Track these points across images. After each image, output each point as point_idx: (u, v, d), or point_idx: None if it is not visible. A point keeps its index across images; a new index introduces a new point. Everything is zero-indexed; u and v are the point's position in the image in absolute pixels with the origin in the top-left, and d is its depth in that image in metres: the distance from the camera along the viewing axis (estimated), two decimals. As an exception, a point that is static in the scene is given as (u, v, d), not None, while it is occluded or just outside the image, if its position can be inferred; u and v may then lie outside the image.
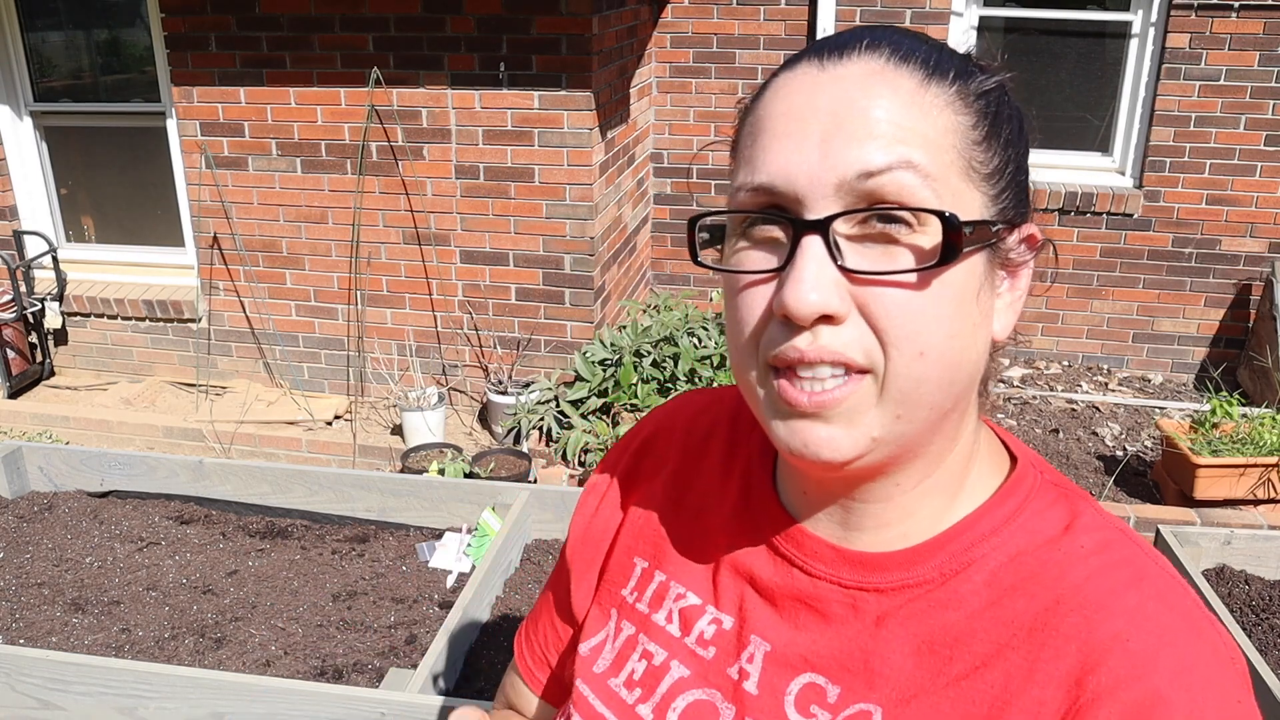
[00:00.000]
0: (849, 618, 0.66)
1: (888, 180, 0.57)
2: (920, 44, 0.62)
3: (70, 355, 5.09)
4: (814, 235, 0.58)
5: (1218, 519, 3.36)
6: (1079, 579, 0.61)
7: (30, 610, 2.27)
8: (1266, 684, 1.84)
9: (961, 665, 0.62)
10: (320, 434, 4.46)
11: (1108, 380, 4.98)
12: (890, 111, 0.58)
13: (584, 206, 4.27)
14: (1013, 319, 0.65)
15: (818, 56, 0.62)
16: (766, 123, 0.62)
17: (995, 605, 0.62)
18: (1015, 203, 0.63)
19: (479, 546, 2.44)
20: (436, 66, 4.21)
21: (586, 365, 3.96)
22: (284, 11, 4.25)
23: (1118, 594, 0.60)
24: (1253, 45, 4.57)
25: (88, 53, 4.92)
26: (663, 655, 0.73)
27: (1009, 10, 4.91)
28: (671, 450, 0.83)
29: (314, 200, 4.52)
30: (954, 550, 0.65)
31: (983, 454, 0.69)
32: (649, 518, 0.80)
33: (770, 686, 0.68)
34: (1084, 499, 0.67)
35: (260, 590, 2.35)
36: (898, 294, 0.58)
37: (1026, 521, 0.65)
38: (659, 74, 5.12)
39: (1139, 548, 0.64)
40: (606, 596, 0.80)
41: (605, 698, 0.74)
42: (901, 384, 0.59)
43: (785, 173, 0.59)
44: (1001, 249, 0.63)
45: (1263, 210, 4.78)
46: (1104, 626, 0.59)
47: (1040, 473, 0.69)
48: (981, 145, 0.61)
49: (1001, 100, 0.63)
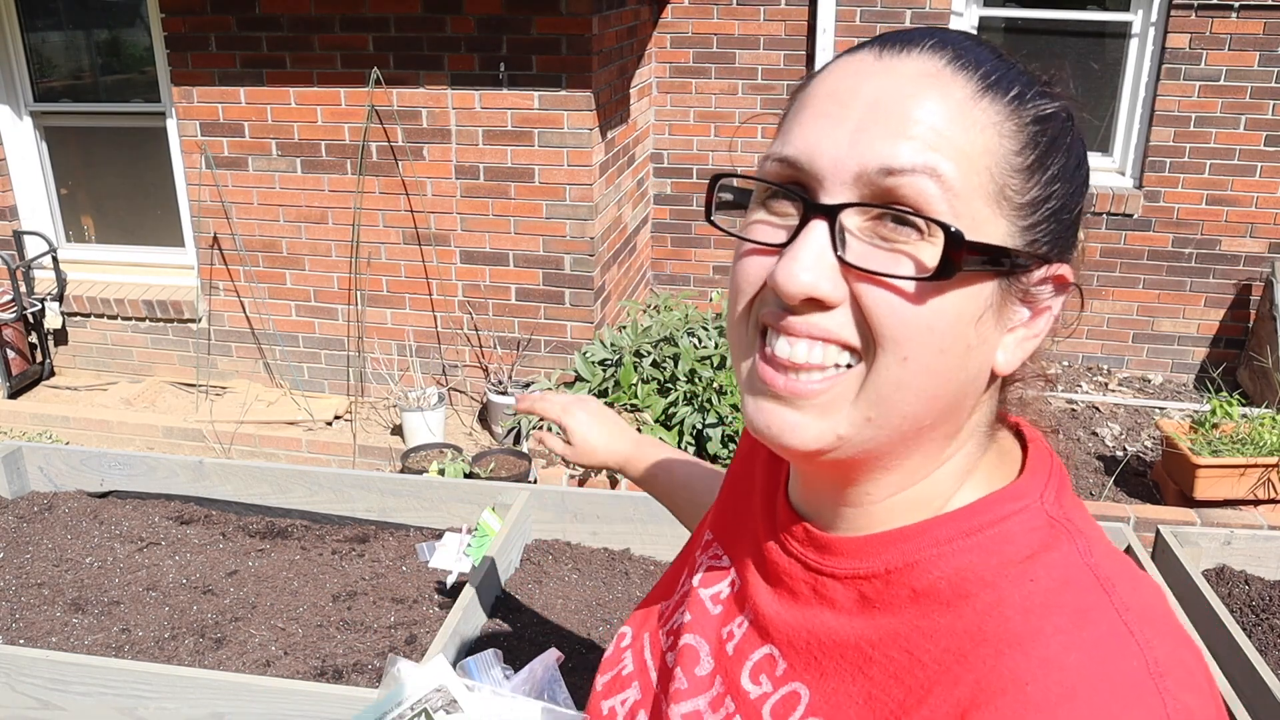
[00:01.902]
0: (810, 599, 0.67)
1: (908, 183, 0.56)
2: (988, 55, 0.60)
3: (70, 355, 5.09)
4: (821, 220, 0.58)
5: (1218, 519, 3.36)
6: (1010, 611, 0.57)
7: (30, 610, 2.27)
8: (1267, 684, 1.84)
9: (878, 670, 0.61)
10: (320, 434, 4.46)
11: (1108, 380, 4.98)
12: (933, 116, 0.57)
13: (584, 207, 4.27)
14: (1022, 356, 0.64)
15: (879, 46, 0.61)
16: (811, 100, 0.61)
17: (924, 615, 0.60)
18: (1051, 239, 0.61)
19: (479, 546, 2.43)
20: (436, 66, 4.21)
21: (586, 365, 3.96)
22: (284, 12, 4.25)
23: (1041, 636, 0.55)
24: (1253, 45, 4.57)
25: (88, 53, 4.92)
26: (687, 607, 0.79)
27: (1009, 10, 4.91)
28: (748, 439, 0.88)
29: (314, 200, 4.52)
30: (904, 549, 0.63)
31: (981, 473, 0.66)
32: (726, 491, 0.87)
33: (740, 651, 0.71)
34: (1076, 536, 0.61)
35: (260, 590, 2.35)
36: (892, 296, 0.57)
37: (988, 539, 0.61)
38: (659, 74, 5.12)
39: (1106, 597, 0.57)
40: (686, 555, 0.88)
41: (653, 644, 0.82)
42: (881, 386, 0.58)
43: (811, 151, 0.59)
44: (1021, 282, 0.61)
45: (1263, 210, 4.78)
46: (1008, 665, 0.55)
47: (1043, 499, 0.64)
48: (1022, 174, 0.59)
49: (1061, 131, 0.60)
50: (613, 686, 0.82)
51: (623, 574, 2.43)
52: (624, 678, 0.81)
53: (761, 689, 0.68)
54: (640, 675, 0.80)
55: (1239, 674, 1.93)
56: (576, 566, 2.45)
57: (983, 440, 0.67)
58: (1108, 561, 0.60)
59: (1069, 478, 0.69)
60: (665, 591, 0.87)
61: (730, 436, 3.58)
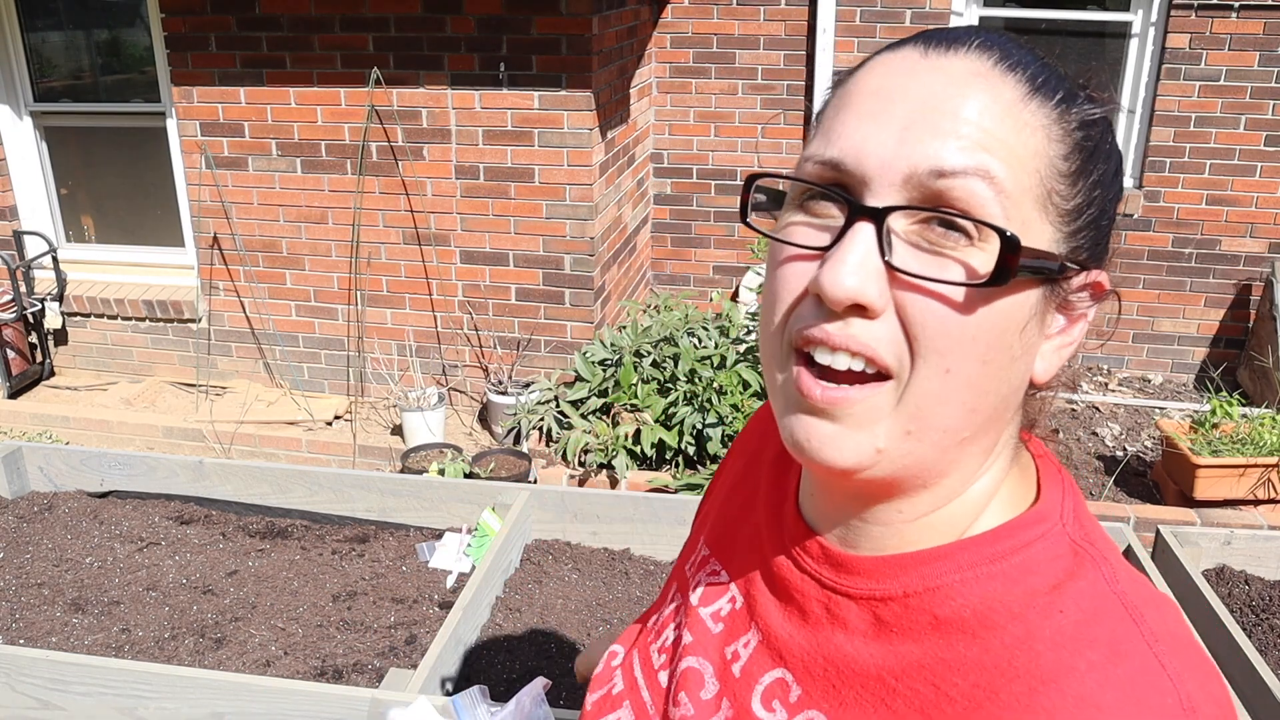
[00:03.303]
0: (823, 619, 0.65)
1: (959, 185, 0.54)
2: (1032, 58, 0.59)
3: (70, 355, 5.09)
4: (868, 222, 0.55)
5: (1218, 519, 3.36)
6: (1042, 646, 0.56)
7: (30, 610, 2.27)
8: (1267, 684, 1.84)
9: (903, 703, 0.59)
10: (320, 434, 4.46)
11: (1108, 380, 4.98)
12: (983, 115, 0.55)
13: (584, 207, 4.27)
14: (1058, 363, 0.62)
15: (924, 43, 0.59)
16: (853, 98, 0.59)
17: (948, 646, 0.59)
18: (1090, 246, 0.60)
19: (479, 546, 2.44)
20: (436, 67, 4.21)
21: (586, 365, 3.96)
22: (284, 12, 4.25)
23: (1075, 673, 0.54)
24: (1253, 45, 4.57)
25: (88, 53, 4.92)
26: (684, 626, 0.77)
27: (1009, 10, 4.91)
28: (751, 442, 0.85)
29: (314, 200, 4.52)
30: (925, 573, 0.61)
31: (1005, 491, 0.64)
32: (718, 503, 0.84)
33: (749, 674, 0.69)
34: (1100, 563, 0.60)
35: (260, 590, 2.35)
36: (937, 305, 0.55)
37: (1013, 567, 0.60)
38: (659, 74, 5.12)
39: (1137, 628, 0.56)
40: (677, 569, 0.85)
41: (644, 662, 0.79)
42: (920, 398, 0.56)
43: (857, 152, 0.57)
44: (1062, 289, 0.59)
45: (1263, 210, 4.78)
46: (1043, 702, 0.53)
47: (1064, 523, 0.62)
48: (1068, 179, 0.58)
49: (1103, 137, 0.60)
50: (603, 705, 0.80)
51: (623, 574, 2.43)
52: (614, 696, 0.79)
53: (775, 715, 0.66)
54: (631, 694, 0.78)
55: (1239, 674, 1.93)
56: (576, 566, 2.45)
57: (1011, 454, 0.65)
58: (1132, 587, 0.59)
59: (1080, 491, 0.68)
60: (655, 607, 0.85)
61: (730, 436, 3.58)
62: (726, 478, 0.86)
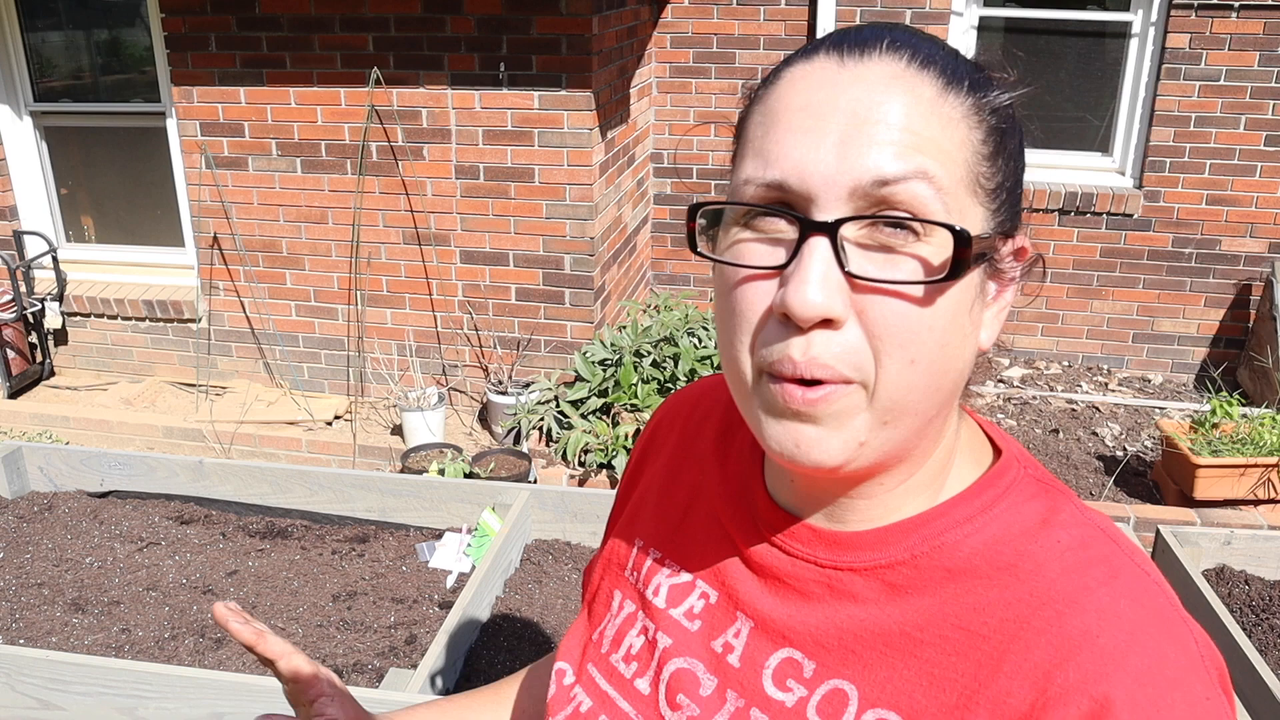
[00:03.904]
0: (826, 596, 0.67)
1: (902, 189, 0.57)
2: (938, 49, 0.62)
3: (70, 355, 5.09)
4: (821, 236, 0.58)
5: (1218, 519, 3.36)
6: (1054, 574, 0.62)
7: (30, 610, 2.27)
8: (1267, 684, 1.84)
9: (932, 650, 0.63)
10: (320, 434, 4.46)
11: (1108, 380, 4.98)
12: (910, 118, 0.58)
13: (584, 207, 4.27)
14: (998, 328, 0.66)
15: (837, 51, 0.61)
16: (782, 115, 0.60)
17: (968, 592, 0.63)
18: (1010, 215, 0.64)
19: (479, 546, 2.44)
20: (436, 66, 4.21)
21: (586, 365, 3.96)
22: (284, 11, 4.25)
23: (1090, 591, 0.61)
24: (1253, 45, 4.57)
25: (88, 53, 4.92)
26: (653, 629, 0.76)
27: (1009, 10, 4.91)
28: (671, 437, 0.86)
29: (314, 200, 4.52)
30: (926, 534, 0.66)
31: (964, 447, 0.70)
32: (650, 501, 0.84)
33: (751, 660, 0.70)
34: (1065, 495, 0.68)
35: (260, 590, 2.35)
36: (898, 303, 0.58)
37: (1003, 512, 0.66)
38: (659, 74, 5.12)
39: (1116, 545, 0.64)
40: (611, 577, 0.83)
41: (607, 673, 0.77)
42: (891, 391, 0.59)
43: (800, 171, 0.58)
44: (994, 262, 0.64)
45: (1263, 210, 4.78)
46: (1074, 622, 0.59)
47: (1024, 467, 0.69)
48: (989, 160, 0.61)
49: (1010, 114, 0.63)
50: None
51: (623, 574, 2.42)
52: (584, 714, 0.77)
53: (795, 694, 0.67)
54: (605, 708, 0.76)
55: (1239, 674, 1.93)
56: (576, 566, 2.45)
57: (958, 413, 0.70)
58: (1095, 513, 0.67)
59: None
60: (595, 618, 0.82)
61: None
62: (650, 479, 0.85)
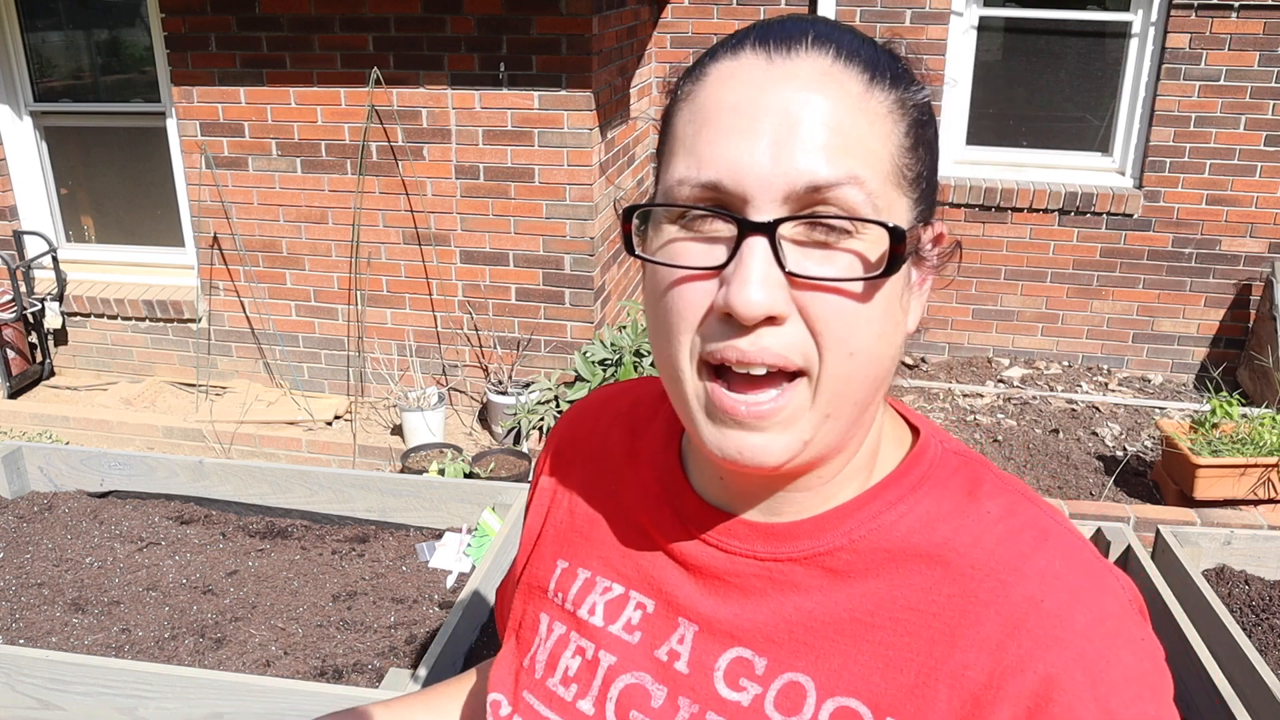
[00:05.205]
0: (768, 590, 0.67)
1: (834, 194, 0.58)
2: (860, 42, 0.62)
3: (70, 355, 5.09)
4: (760, 237, 0.58)
5: (1218, 519, 3.36)
6: (990, 544, 0.63)
7: (30, 610, 2.27)
8: (1267, 684, 1.84)
9: (885, 633, 0.63)
10: (320, 434, 4.46)
11: (1108, 380, 4.98)
12: (839, 117, 0.58)
13: (584, 206, 4.27)
14: (920, 312, 0.68)
15: (764, 46, 0.61)
16: (713, 114, 0.60)
17: (913, 572, 0.64)
18: (928, 204, 0.65)
19: (479, 546, 2.44)
20: (436, 66, 4.21)
21: (586, 365, 3.96)
22: (284, 11, 4.25)
23: (1028, 558, 0.63)
24: (1253, 45, 4.57)
25: (88, 53, 4.92)
26: (592, 648, 0.74)
27: (1009, 10, 4.91)
28: (577, 456, 0.85)
29: (314, 200, 4.52)
30: (862, 517, 0.67)
31: (887, 430, 0.71)
32: (566, 519, 0.82)
33: (700, 664, 0.69)
34: (982, 464, 0.70)
35: (260, 590, 2.35)
36: (837, 299, 0.59)
37: (932, 489, 0.67)
38: (659, 74, 5.12)
39: (1039, 509, 0.66)
40: (535, 602, 0.81)
41: (546, 699, 0.75)
42: (833, 383, 0.60)
43: (735, 173, 0.58)
44: (918, 250, 0.65)
45: (1263, 210, 4.78)
46: (1018, 590, 0.61)
47: (941, 442, 0.71)
48: (911, 152, 0.62)
49: (927, 106, 0.64)
50: None
51: (623, 574, 2.43)
52: None
53: (750, 692, 0.66)
54: None
55: (1239, 674, 1.93)
56: (576, 566, 2.45)
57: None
58: (1010, 477, 0.70)
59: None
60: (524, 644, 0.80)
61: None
62: (561, 500, 0.84)
